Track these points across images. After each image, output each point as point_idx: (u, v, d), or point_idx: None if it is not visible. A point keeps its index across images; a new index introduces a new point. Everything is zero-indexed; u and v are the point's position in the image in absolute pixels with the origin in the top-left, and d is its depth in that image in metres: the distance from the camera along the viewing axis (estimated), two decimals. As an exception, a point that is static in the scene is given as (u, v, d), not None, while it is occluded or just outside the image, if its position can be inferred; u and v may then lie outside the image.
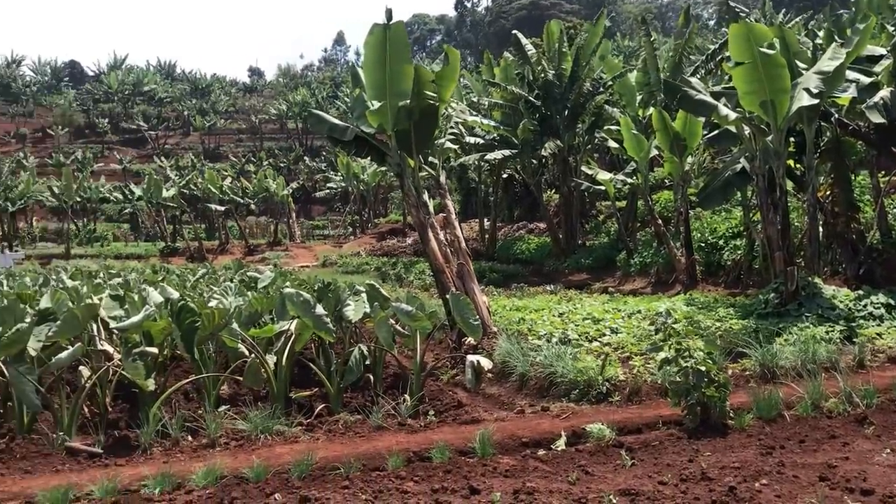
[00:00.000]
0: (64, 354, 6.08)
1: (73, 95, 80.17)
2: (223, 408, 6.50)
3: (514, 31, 23.66)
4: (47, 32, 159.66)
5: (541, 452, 5.27)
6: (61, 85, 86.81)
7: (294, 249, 37.72)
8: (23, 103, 77.62)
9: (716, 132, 12.26)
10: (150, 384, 6.09)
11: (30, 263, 31.80)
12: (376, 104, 9.37)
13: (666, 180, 20.97)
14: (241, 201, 41.11)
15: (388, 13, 9.26)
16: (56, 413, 6.00)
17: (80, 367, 6.85)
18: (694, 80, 12.27)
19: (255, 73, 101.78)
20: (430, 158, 11.17)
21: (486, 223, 28.06)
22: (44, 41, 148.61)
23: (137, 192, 42.19)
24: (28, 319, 6.53)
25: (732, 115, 10.01)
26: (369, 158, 10.94)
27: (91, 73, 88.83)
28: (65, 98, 77.87)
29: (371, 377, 7.48)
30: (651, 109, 16.64)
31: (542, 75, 21.77)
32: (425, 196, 9.80)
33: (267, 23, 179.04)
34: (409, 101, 9.40)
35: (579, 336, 8.53)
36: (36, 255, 36.32)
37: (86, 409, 6.36)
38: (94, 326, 6.96)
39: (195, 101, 78.90)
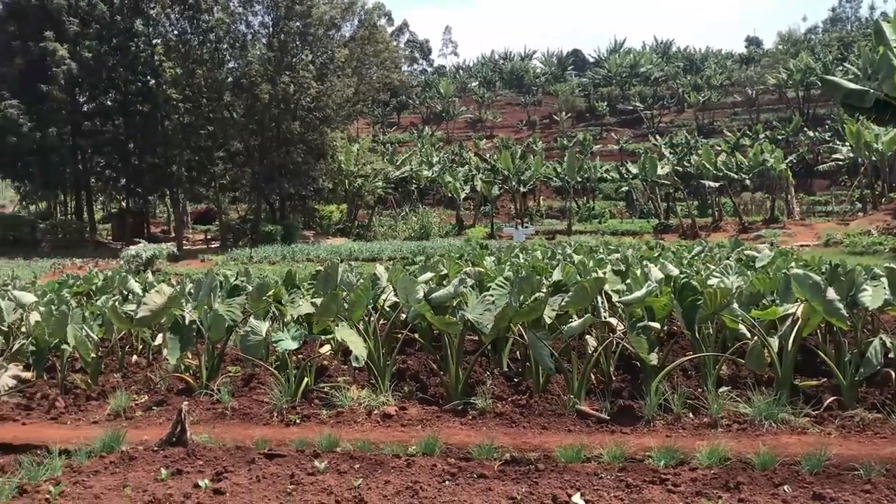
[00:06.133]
0: (575, 324, 6.56)
1: (575, 82, 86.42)
2: (723, 389, 6.37)
3: None
4: (555, 26, 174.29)
5: None
6: (566, 73, 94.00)
7: (792, 227, 35.46)
8: (533, 93, 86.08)
9: None
10: (653, 358, 6.25)
11: (538, 239, 35.31)
12: (903, 62, 8.21)
13: None
14: (736, 177, 39.84)
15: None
16: (567, 377, 6.52)
17: (587, 337, 7.34)
18: None
19: (752, 42, 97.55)
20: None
21: None
22: (552, 35, 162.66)
23: (633, 170, 43.74)
24: (543, 290, 7.20)
25: None
26: (891, 125, 9.67)
27: (592, 60, 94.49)
28: (568, 85, 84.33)
29: (892, 373, 6.63)
30: None
31: None
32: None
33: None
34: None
35: None
36: (542, 231, 40.16)
37: (592, 377, 6.78)
38: (599, 299, 7.39)
39: (689, 77, 78.75)
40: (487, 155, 53.01)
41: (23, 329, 8.64)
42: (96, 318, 9.13)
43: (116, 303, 9.47)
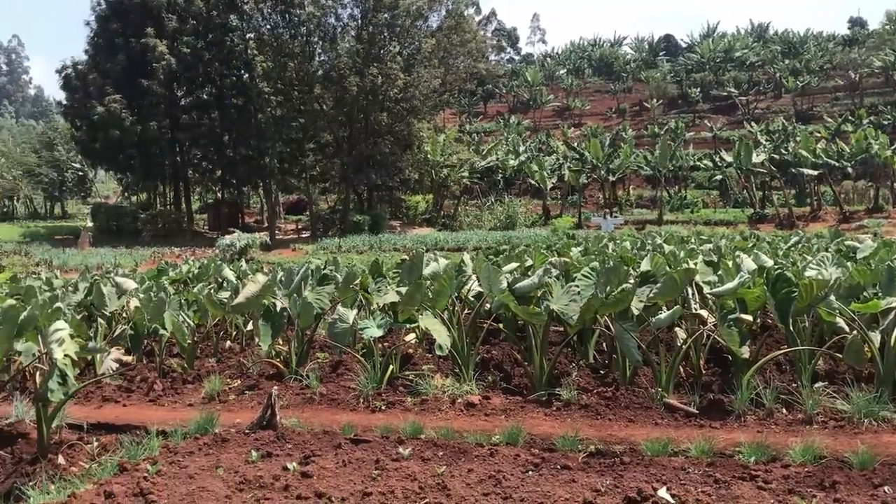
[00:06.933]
0: (664, 315, 6.42)
1: (667, 68, 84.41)
2: (818, 384, 6.12)
3: None
4: (646, 11, 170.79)
5: None
6: (657, 59, 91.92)
7: (897, 217, 33.83)
8: (623, 80, 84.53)
9: None
10: (745, 351, 6.07)
11: (627, 228, 34.75)
12: None
13: None
14: (836, 164, 38.20)
15: None
16: (655, 369, 6.39)
17: (676, 329, 7.18)
18: None
19: (856, 23, 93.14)
20: None
21: None
22: (643, 20, 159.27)
23: (727, 158, 42.49)
24: (631, 280, 7.08)
25: None
26: None
27: (684, 45, 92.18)
28: (659, 71, 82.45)
29: None
30: None
31: None
32: None
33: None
34: None
35: None
36: (632, 221, 39.48)
37: (681, 370, 6.63)
38: (689, 290, 7.22)
39: (787, 61, 75.85)
40: (575, 143, 52.42)
41: (124, 315, 9.04)
42: (192, 304, 9.48)
43: (212, 290, 9.81)
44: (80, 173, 63.54)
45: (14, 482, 4.92)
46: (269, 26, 42.53)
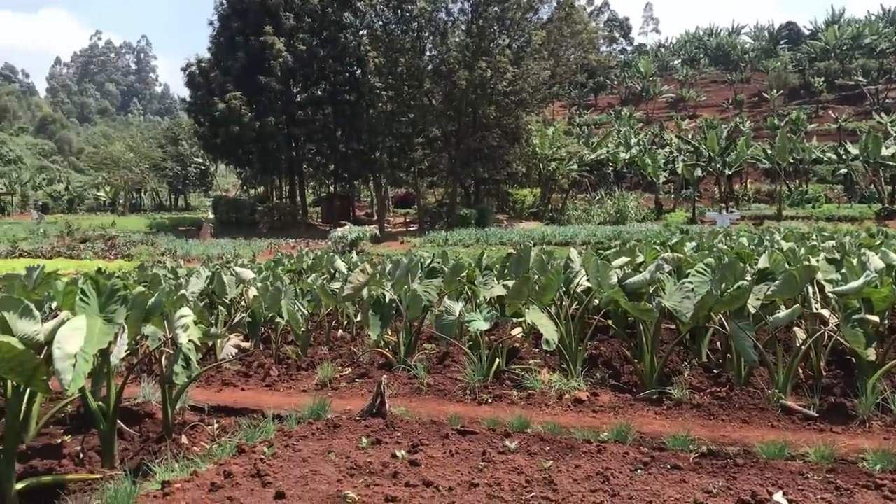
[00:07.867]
0: (782, 314, 6.17)
1: (788, 57, 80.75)
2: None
3: None
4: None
5: None
6: (777, 48, 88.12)
7: None
8: (741, 70, 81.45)
9: None
10: (871, 354, 5.76)
11: (744, 224, 33.51)
12: None
13: None
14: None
15: None
16: (771, 370, 6.16)
17: (795, 329, 6.89)
18: None
19: None
20: None
21: None
22: (763, 7, 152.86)
23: (853, 151, 40.34)
24: (748, 278, 6.84)
25: None
26: None
27: (807, 32, 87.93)
28: (780, 60, 78.97)
29: None
30: None
31: None
32: None
33: None
34: None
35: None
36: (749, 216, 38.05)
37: (799, 371, 6.36)
38: (810, 289, 6.91)
39: (923, 47, 71.16)
40: (690, 136, 50.91)
41: (243, 303, 9.42)
42: (306, 294, 9.78)
43: (324, 281, 10.10)
44: (202, 167, 66.53)
45: (142, 459, 5.22)
46: (381, 22, 43.24)
